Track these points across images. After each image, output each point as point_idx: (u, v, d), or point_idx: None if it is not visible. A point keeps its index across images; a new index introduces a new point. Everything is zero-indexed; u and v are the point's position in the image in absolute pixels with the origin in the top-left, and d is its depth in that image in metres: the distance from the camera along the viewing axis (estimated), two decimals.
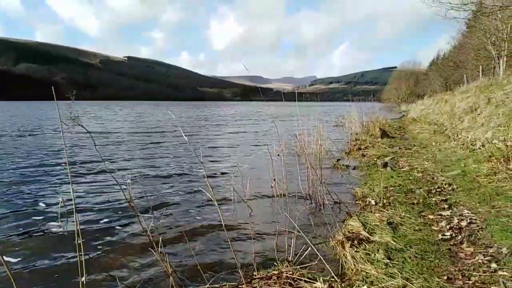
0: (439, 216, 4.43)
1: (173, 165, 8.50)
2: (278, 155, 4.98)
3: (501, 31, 18.87)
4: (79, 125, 2.41)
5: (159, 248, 2.62)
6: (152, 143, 12.47)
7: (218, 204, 2.74)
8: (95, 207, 5.22)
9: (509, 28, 18.09)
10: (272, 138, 10.51)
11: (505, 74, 18.16)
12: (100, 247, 3.83)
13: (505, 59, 20.02)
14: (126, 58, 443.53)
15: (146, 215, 4.71)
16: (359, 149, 10.50)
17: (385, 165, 7.69)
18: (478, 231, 3.87)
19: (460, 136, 10.49)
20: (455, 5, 10.13)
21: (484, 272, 2.97)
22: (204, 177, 2.64)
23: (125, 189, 2.68)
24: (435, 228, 4.05)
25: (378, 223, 4.19)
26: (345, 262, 3.32)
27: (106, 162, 8.09)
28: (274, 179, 4.16)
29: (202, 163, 2.60)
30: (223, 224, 2.61)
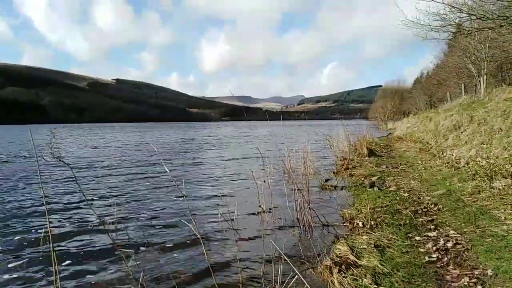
0: (426, 238, 4.46)
1: (157, 192, 8.28)
2: (264, 181, 4.98)
3: (480, 50, 19.54)
4: (60, 160, 2.40)
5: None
6: (135, 169, 12.28)
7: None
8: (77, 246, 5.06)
9: (487, 48, 18.74)
10: (259, 162, 10.43)
11: (486, 92, 18.70)
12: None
13: (485, 77, 20.66)
14: (115, 81, 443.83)
15: (128, 250, 4.60)
16: (347, 168, 10.57)
17: (372, 185, 7.74)
18: (463, 252, 3.90)
19: (445, 154, 10.67)
20: (435, 27, 10.46)
21: None
22: (189, 212, 2.60)
23: (110, 228, 2.65)
24: (422, 250, 4.06)
25: (366, 246, 4.19)
26: None
27: (89, 197, 7.85)
28: (260, 206, 4.15)
29: (185, 196, 2.59)
30: (206, 258, 2.57)
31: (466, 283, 3.18)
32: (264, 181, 5.01)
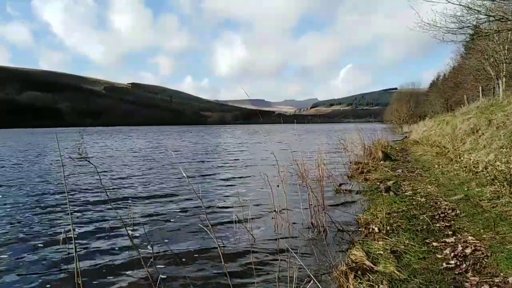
0: (443, 243, 4.38)
1: (174, 196, 8.36)
2: (278, 186, 4.97)
3: (498, 52, 19.12)
4: (87, 160, 2.46)
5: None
6: (154, 174, 12.39)
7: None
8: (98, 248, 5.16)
9: (506, 50, 18.33)
10: (273, 166, 10.37)
11: (504, 94, 18.27)
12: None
13: (504, 79, 20.20)
14: (130, 85, 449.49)
15: (146, 250, 4.67)
16: (362, 172, 10.47)
17: (388, 189, 7.65)
18: (483, 259, 3.82)
19: (462, 158, 10.47)
20: (451, 29, 10.29)
21: None
22: (207, 222, 2.62)
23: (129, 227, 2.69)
24: (440, 256, 3.99)
25: (382, 252, 4.15)
26: None
27: (110, 199, 7.97)
28: (275, 210, 4.15)
29: (201, 199, 2.62)
30: (222, 262, 2.59)
31: None
32: (278, 186, 5.00)
